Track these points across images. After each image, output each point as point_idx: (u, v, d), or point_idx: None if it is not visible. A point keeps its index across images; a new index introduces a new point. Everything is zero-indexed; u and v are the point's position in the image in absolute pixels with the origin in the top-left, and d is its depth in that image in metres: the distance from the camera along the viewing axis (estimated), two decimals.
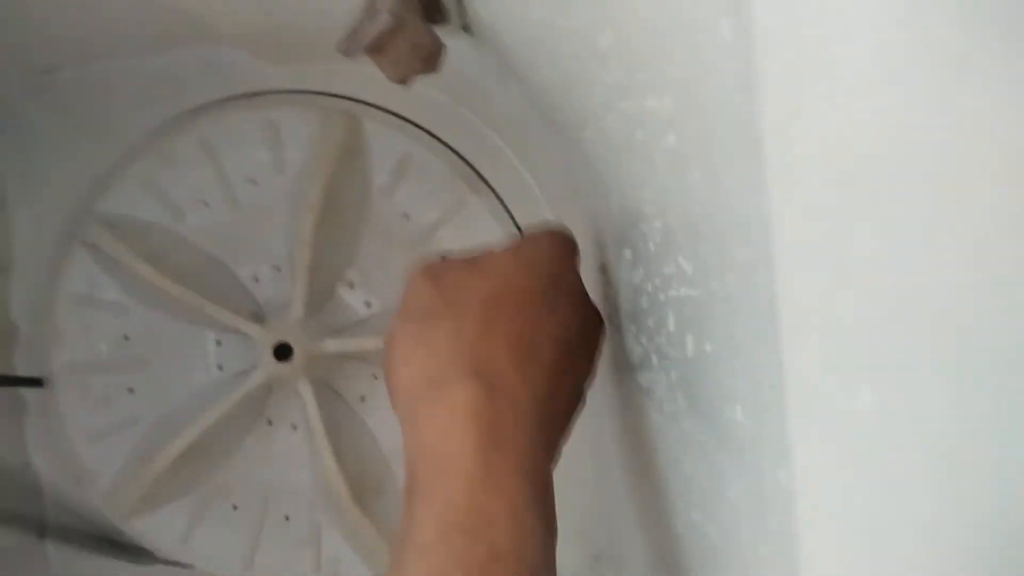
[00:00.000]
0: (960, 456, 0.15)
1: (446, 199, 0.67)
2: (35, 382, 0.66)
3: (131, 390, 0.67)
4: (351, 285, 0.69)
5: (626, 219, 0.31)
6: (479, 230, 0.67)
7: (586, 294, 0.36)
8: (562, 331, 0.33)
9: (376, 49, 0.37)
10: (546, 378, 0.31)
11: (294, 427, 0.68)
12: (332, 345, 0.65)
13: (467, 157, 0.68)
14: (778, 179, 0.16)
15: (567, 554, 0.31)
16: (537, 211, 0.68)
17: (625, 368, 0.35)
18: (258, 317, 0.67)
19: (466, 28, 0.41)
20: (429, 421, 0.30)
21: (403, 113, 0.68)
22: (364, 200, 0.68)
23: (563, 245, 0.36)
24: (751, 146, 0.16)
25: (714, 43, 0.17)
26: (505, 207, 0.69)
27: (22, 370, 0.67)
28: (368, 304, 0.69)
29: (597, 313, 0.36)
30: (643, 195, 0.28)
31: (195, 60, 0.67)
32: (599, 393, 0.36)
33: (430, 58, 0.39)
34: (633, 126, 0.26)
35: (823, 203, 0.15)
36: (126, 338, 0.67)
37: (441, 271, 0.34)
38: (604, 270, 0.39)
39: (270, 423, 0.68)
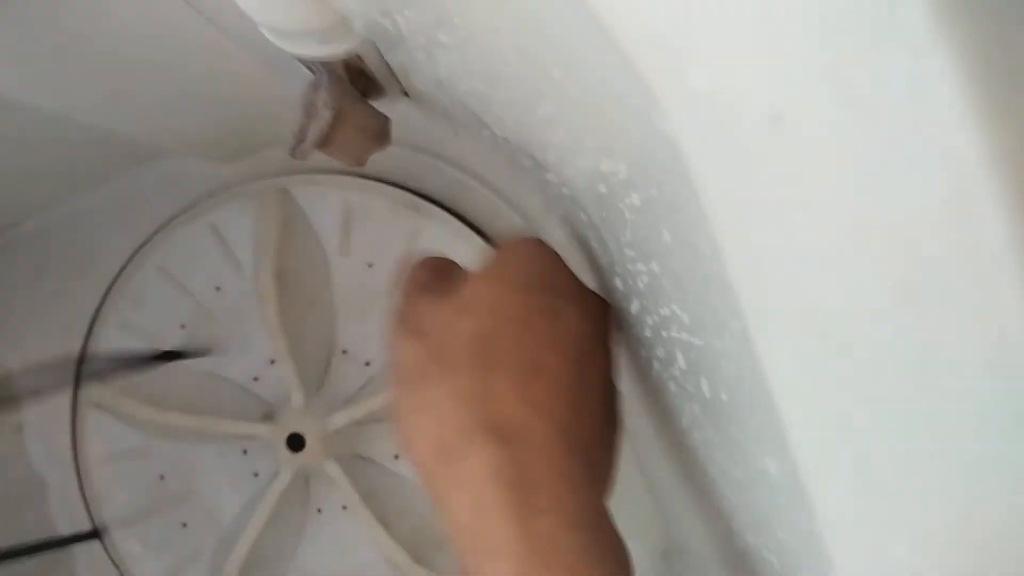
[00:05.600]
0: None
1: (401, 232, 0.65)
2: (91, 535, 0.67)
3: (184, 525, 0.68)
4: (344, 352, 0.67)
5: (609, 254, 0.28)
6: (444, 251, 0.64)
7: (582, 284, 0.32)
8: (569, 338, 0.29)
9: (325, 144, 0.36)
10: (564, 399, 0.28)
11: (344, 507, 0.67)
12: (341, 418, 0.63)
13: (406, 185, 0.65)
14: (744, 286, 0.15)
15: (634, 557, 0.29)
16: (496, 211, 0.65)
17: (646, 375, 0.32)
18: (269, 415, 0.66)
19: (406, 93, 0.40)
20: (457, 499, 0.27)
21: (330, 166, 0.66)
22: (323, 266, 0.66)
23: (544, 247, 0.32)
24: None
25: (652, 130, 0.16)
26: (461, 218, 0.65)
27: (61, 523, 0.69)
28: (368, 364, 0.67)
29: (598, 297, 0.32)
30: (620, 238, 0.25)
31: (152, 175, 0.67)
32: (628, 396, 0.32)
33: (380, 135, 0.39)
34: (595, 181, 0.23)
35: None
36: (162, 478, 0.68)
37: (420, 319, 0.31)
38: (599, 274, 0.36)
39: (320, 511, 0.68)
